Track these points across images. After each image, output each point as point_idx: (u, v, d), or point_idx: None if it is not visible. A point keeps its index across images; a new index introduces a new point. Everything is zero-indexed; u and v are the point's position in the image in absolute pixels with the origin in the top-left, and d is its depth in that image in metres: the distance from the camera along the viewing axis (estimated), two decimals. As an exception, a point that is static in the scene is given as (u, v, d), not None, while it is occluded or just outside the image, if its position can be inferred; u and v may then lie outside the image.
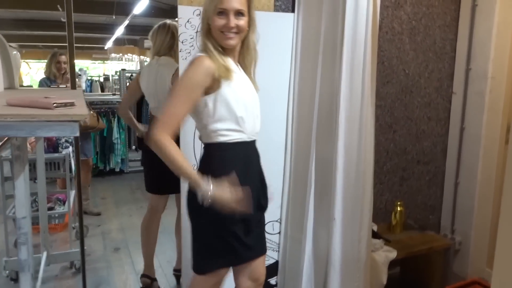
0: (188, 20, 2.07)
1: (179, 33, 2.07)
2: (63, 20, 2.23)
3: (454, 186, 2.76)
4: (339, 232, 1.94)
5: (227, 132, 1.44)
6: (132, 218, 3.87)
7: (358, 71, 1.91)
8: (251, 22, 1.49)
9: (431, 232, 2.66)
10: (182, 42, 2.08)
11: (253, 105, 1.51)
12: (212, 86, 1.39)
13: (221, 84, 1.40)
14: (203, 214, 1.42)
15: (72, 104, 1.00)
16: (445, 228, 2.83)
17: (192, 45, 2.10)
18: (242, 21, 1.43)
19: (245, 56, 1.55)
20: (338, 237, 1.94)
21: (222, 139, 1.45)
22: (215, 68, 1.38)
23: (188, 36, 2.08)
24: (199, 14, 2.07)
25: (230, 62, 1.48)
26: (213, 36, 1.45)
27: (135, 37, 11.30)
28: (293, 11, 2.23)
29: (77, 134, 0.93)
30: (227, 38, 1.42)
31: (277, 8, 2.28)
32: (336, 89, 1.95)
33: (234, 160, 1.46)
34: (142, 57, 10.41)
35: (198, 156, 2.19)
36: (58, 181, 4.16)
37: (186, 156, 1.56)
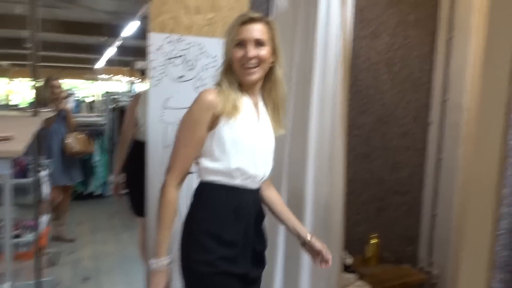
0: (159, 47, 2.05)
1: (149, 59, 2.04)
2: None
3: (431, 218, 2.71)
4: (308, 267, 1.88)
5: (218, 175, 1.30)
6: (106, 246, 3.75)
7: (328, 102, 1.89)
8: (276, 53, 1.32)
9: (408, 265, 2.60)
10: (153, 69, 2.05)
11: (257, 150, 1.31)
12: (213, 122, 1.26)
13: (220, 121, 1.26)
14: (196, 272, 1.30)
15: (6, 139, 0.95)
16: (422, 260, 2.77)
17: (164, 72, 2.08)
18: (264, 51, 1.26)
19: (271, 91, 1.36)
20: (307, 274, 1.88)
21: (211, 178, 1.31)
22: (218, 103, 1.25)
23: (159, 63, 2.06)
24: (171, 42, 2.06)
25: (245, 101, 1.31)
26: (235, 73, 1.30)
27: (128, 59, 11.34)
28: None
29: (8, 172, 0.88)
30: (248, 73, 1.27)
31: (251, 37, 2.27)
32: (306, 120, 1.92)
33: (222, 205, 1.29)
34: (131, 78, 10.40)
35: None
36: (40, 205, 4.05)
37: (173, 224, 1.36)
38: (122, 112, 5.84)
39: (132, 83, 9.70)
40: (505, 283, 1.05)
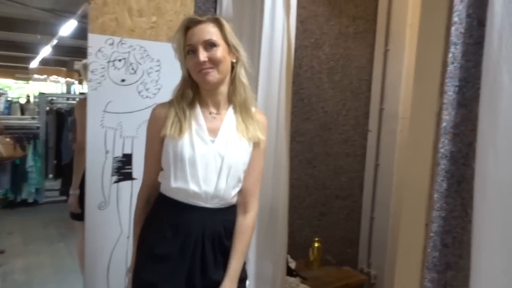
0: (100, 49, 1.97)
1: (88, 62, 1.96)
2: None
3: (369, 221, 2.84)
4: (252, 272, 1.89)
5: (164, 189, 1.27)
6: (40, 257, 3.52)
7: (273, 109, 1.92)
8: (234, 51, 1.22)
9: (348, 267, 2.70)
10: (92, 72, 1.97)
11: (201, 167, 1.21)
12: (162, 136, 1.23)
13: (166, 137, 1.23)
14: None
15: None
16: (362, 262, 2.88)
17: (103, 75, 2.00)
18: (217, 52, 1.17)
19: (235, 96, 1.25)
20: (252, 278, 1.88)
21: (161, 191, 1.29)
22: (163, 118, 1.22)
23: (99, 65, 1.98)
24: (112, 44, 1.99)
25: (198, 115, 1.23)
26: (196, 83, 1.24)
27: (65, 59, 10.79)
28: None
29: None
30: (204, 75, 1.17)
31: (196, 42, 2.26)
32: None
33: (164, 218, 1.26)
34: (69, 79, 9.90)
35: (107, 192, 2.06)
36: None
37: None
38: (59, 114, 5.53)
39: (72, 84, 9.23)
40: (434, 283, 1.12)
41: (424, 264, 1.13)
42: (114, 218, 2.09)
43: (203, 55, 1.16)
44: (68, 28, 6.42)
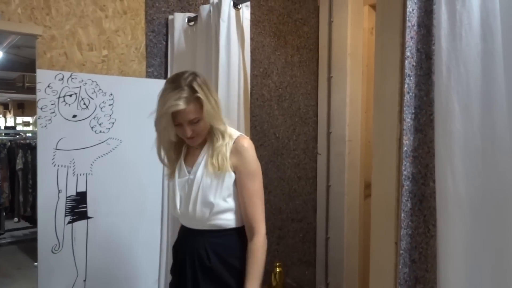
0: (49, 85, 1.90)
1: (37, 98, 1.87)
2: None
3: (325, 241, 2.92)
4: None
5: None
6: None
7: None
8: (209, 119, 1.36)
9: (308, 289, 2.75)
10: (42, 109, 1.88)
11: (179, 194, 1.44)
12: None
13: None
14: None
15: None
16: (320, 282, 2.95)
17: (54, 112, 1.92)
18: (199, 127, 1.36)
19: (212, 139, 1.40)
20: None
21: None
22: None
23: (49, 102, 1.90)
24: (62, 79, 1.93)
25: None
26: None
27: (-14, 91, 10.05)
28: (165, 78, 2.22)
29: None
30: (190, 142, 1.41)
31: (149, 75, 2.25)
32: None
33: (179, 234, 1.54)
34: (-6, 113, 9.20)
35: (60, 233, 1.96)
36: None
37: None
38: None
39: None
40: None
41: (396, 280, 1.20)
42: (69, 261, 1.98)
43: (189, 131, 1.35)
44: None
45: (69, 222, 1.98)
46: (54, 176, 1.93)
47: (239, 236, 1.40)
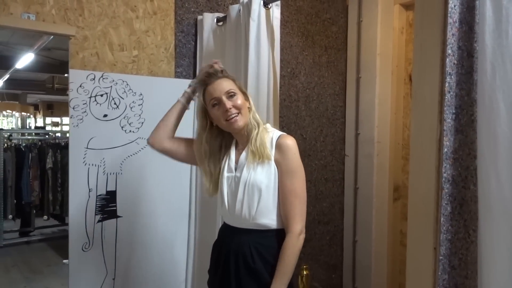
0: (81, 85, 1.93)
1: (69, 98, 1.90)
2: None
3: (352, 244, 2.87)
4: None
5: None
6: (4, 306, 3.27)
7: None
8: (247, 99, 1.44)
9: (335, 293, 2.70)
10: (74, 108, 1.91)
11: (226, 193, 1.43)
12: None
13: None
14: None
15: None
16: (347, 286, 2.89)
17: (85, 111, 1.95)
18: (238, 101, 1.38)
19: (251, 132, 1.41)
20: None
21: None
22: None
23: (81, 101, 1.93)
24: (94, 79, 1.95)
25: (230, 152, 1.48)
26: (222, 131, 1.45)
27: (17, 92, 10.36)
28: (194, 78, 2.21)
29: None
30: (232, 122, 1.37)
31: (178, 75, 2.26)
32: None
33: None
34: (24, 113, 9.47)
35: (90, 232, 1.98)
36: None
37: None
38: (18, 151, 5.25)
39: (27, 117, 8.82)
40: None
41: (435, 287, 1.16)
42: (98, 259, 2.00)
43: (228, 104, 1.35)
44: (24, 61, 6.21)
45: (99, 221, 2.00)
46: (85, 175, 1.96)
47: (283, 237, 1.38)
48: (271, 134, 1.41)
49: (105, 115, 2.01)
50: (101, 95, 1.99)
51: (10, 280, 3.86)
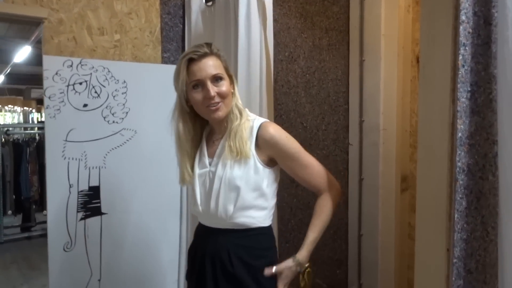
0: (57, 72, 1.77)
1: (44, 87, 1.75)
2: None
3: (357, 238, 2.71)
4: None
5: None
6: (-1, 305, 3.18)
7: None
8: (232, 83, 1.27)
9: (340, 290, 2.55)
10: (50, 98, 1.76)
11: (198, 190, 1.29)
12: None
13: None
14: None
15: None
16: (352, 282, 2.74)
17: (62, 101, 1.79)
18: (224, 87, 1.21)
19: (232, 121, 1.25)
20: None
21: None
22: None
23: (57, 90, 1.78)
24: (71, 66, 1.80)
25: (201, 151, 1.32)
26: (199, 116, 1.27)
27: (20, 87, 10.28)
28: (182, 63, 2.05)
29: None
30: (213, 111, 1.21)
31: (165, 60, 2.09)
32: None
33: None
34: (26, 108, 9.41)
35: (72, 230, 1.84)
36: None
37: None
38: (16, 146, 5.16)
39: (29, 112, 8.77)
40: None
41: (449, 294, 1.00)
42: (82, 259, 1.86)
43: (213, 90, 1.18)
44: (22, 54, 6.09)
45: (81, 219, 1.86)
46: (64, 169, 1.81)
47: (265, 236, 1.30)
48: (251, 123, 1.25)
49: (85, 105, 1.85)
50: (80, 83, 1.83)
51: (8, 278, 3.78)
